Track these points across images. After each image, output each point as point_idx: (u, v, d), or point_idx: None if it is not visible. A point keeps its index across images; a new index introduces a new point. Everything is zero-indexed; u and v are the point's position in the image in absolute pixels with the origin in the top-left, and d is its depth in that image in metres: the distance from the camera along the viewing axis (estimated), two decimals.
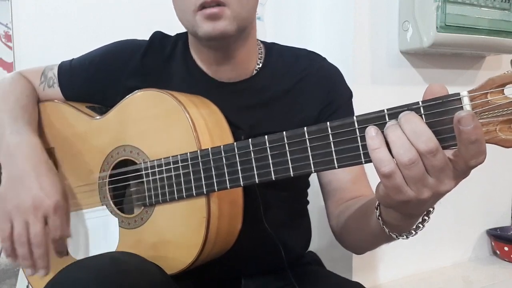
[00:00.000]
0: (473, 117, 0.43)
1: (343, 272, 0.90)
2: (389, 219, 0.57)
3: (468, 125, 0.43)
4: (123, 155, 0.76)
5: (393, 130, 0.48)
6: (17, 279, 1.58)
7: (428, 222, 0.57)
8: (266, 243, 0.79)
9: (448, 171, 0.48)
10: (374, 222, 0.60)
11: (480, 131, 0.44)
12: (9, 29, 1.18)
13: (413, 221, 0.57)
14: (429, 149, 0.46)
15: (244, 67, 0.82)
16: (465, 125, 0.43)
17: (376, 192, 0.54)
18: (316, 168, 0.55)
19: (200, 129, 0.69)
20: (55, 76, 0.89)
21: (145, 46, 0.85)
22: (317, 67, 0.85)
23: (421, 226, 0.57)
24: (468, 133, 0.44)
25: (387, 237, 0.60)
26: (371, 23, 1.34)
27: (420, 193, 0.49)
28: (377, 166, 0.49)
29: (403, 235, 0.59)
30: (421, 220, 0.57)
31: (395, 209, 0.54)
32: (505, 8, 1.38)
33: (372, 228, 0.63)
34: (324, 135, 0.54)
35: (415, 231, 0.58)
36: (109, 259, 0.65)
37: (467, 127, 0.43)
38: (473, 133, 0.44)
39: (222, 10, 0.70)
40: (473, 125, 0.43)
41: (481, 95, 0.46)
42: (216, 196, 0.68)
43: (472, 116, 0.43)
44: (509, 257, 1.60)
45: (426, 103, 0.48)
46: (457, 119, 0.44)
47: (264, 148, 0.59)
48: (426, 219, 0.57)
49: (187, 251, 0.69)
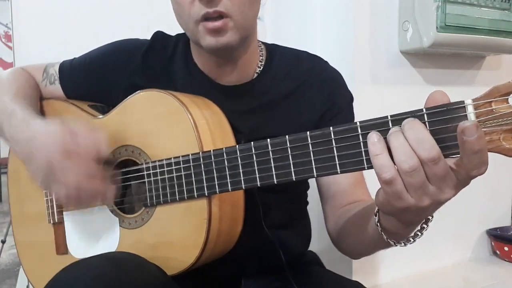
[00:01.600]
0: (477, 127, 0.43)
1: (343, 272, 0.90)
2: (388, 225, 0.57)
3: (472, 135, 0.43)
4: (125, 155, 0.76)
5: (396, 137, 0.48)
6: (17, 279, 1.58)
7: (426, 230, 0.57)
8: (266, 244, 0.79)
9: (449, 179, 0.48)
10: (372, 228, 0.60)
11: (484, 142, 0.44)
12: (9, 29, 1.19)
13: (412, 228, 0.57)
14: (431, 157, 0.46)
15: (245, 70, 0.82)
16: (469, 135, 0.43)
17: (376, 198, 0.54)
18: (318, 173, 0.55)
19: (202, 130, 0.69)
20: (56, 73, 0.89)
21: (146, 45, 0.85)
22: (318, 71, 0.84)
23: (420, 234, 0.57)
24: (472, 143, 0.44)
25: (385, 243, 0.60)
26: (371, 23, 1.34)
27: (420, 201, 0.49)
28: (378, 172, 0.49)
29: (401, 242, 0.59)
30: (420, 228, 0.57)
31: (394, 216, 0.54)
32: (505, 8, 1.38)
33: (370, 234, 0.63)
34: (327, 140, 0.54)
35: (413, 238, 0.58)
36: (109, 259, 0.65)
37: (471, 137, 0.43)
38: (476, 143, 0.44)
39: (225, 23, 0.69)
40: (477, 135, 0.43)
41: (486, 104, 0.46)
42: (218, 198, 0.68)
43: (476, 126, 0.43)
44: (509, 257, 1.60)
45: (430, 111, 0.48)
46: (461, 129, 0.44)
47: (266, 152, 0.59)
48: (424, 227, 0.57)
49: (188, 252, 0.69)
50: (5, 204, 4.59)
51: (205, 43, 0.71)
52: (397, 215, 0.54)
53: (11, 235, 1.10)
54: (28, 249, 0.89)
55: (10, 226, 2.07)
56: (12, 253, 2.76)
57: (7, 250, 2.67)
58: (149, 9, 1.24)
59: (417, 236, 0.58)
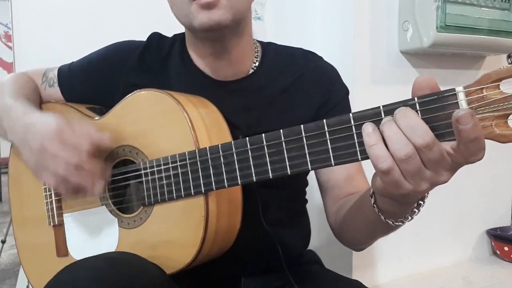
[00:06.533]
0: (471, 115, 0.43)
1: (342, 270, 0.90)
2: (384, 206, 0.58)
3: (467, 123, 0.43)
4: (122, 155, 0.76)
5: (389, 126, 0.48)
6: (17, 279, 1.59)
7: (423, 207, 0.57)
8: (265, 243, 0.79)
9: (445, 163, 0.48)
10: (370, 211, 0.61)
11: (479, 129, 0.44)
12: (9, 29, 1.19)
13: (408, 206, 0.57)
14: (425, 142, 0.47)
15: (240, 65, 0.82)
16: (464, 123, 0.43)
17: (373, 185, 0.55)
18: (312, 166, 0.55)
19: (198, 128, 0.69)
20: (55, 76, 0.90)
21: (142, 45, 0.86)
22: (313, 66, 0.85)
23: (416, 211, 0.58)
24: (468, 132, 0.44)
25: (384, 225, 0.60)
26: (371, 23, 1.34)
27: (418, 186, 0.50)
28: (374, 163, 0.49)
29: (399, 221, 0.59)
30: (416, 205, 0.57)
31: (391, 198, 0.55)
32: (505, 8, 1.38)
33: (368, 217, 0.63)
34: (320, 132, 0.54)
35: (410, 216, 0.58)
36: (108, 259, 0.65)
37: (466, 125, 0.43)
38: (472, 131, 0.44)
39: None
40: (472, 123, 0.43)
41: (477, 91, 0.46)
42: (215, 195, 0.68)
43: (470, 115, 0.43)
44: (509, 257, 1.60)
45: (421, 99, 0.48)
46: (456, 118, 0.44)
47: (261, 147, 0.59)
48: (421, 204, 0.57)
49: (186, 250, 0.69)
50: (5, 204, 4.59)
51: (198, 21, 0.71)
52: (395, 198, 0.54)
53: (11, 235, 1.10)
54: (28, 251, 0.89)
55: (10, 226, 2.08)
56: (12, 253, 2.76)
57: (7, 250, 2.68)
58: (149, 9, 1.24)
59: (414, 213, 0.58)
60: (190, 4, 0.71)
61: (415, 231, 1.47)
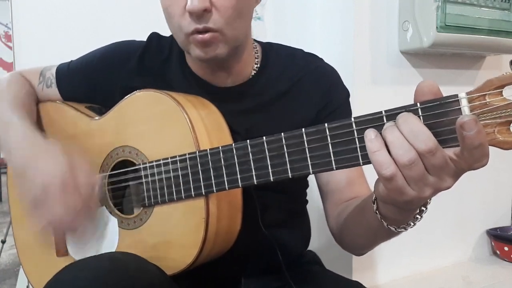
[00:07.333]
0: (476, 122, 0.43)
1: (342, 271, 0.90)
2: (387, 212, 0.58)
3: (471, 129, 0.43)
4: (122, 155, 0.76)
5: (391, 131, 0.48)
6: (17, 279, 1.59)
7: (425, 213, 0.57)
8: (265, 244, 0.79)
9: (448, 169, 0.48)
10: (372, 217, 0.60)
11: (484, 135, 0.44)
12: (9, 29, 1.19)
13: (411, 213, 0.57)
14: (428, 148, 0.46)
15: (240, 75, 0.82)
16: (468, 130, 0.43)
17: (375, 191, 0.54)
18: (314, 170, 0.55)
19: (198, 129, 0.69)
20: (53, 76, 0.90)
21: (142, 47, 0.85)
22: (313, 68, 0.84)
23: (419, 217, 0.57)
24: (472, 138, 0.43)
25: (386, 231, 0.60)
26: (371, 23, 1.34)
27: (421, 192, 0.49)
28: (377, 169, 0.49)
29: (401, 227, 0.59)
30: (418, 211, 0.57)
31: (394, 205, 0.54)
32: (505, 8, 1.38)
33: (370, 222, 0.63)
34: (322, 136, 0.54)
35: (413, 222, 0.58)
36: (108, 259, 0.65)
37: (470, 131, 0.43)
38: (476, 137, 0.43)
39: (214, 36, 0.69)
40: (477, 129, 0.43)
41: (480, 97, 0.46)
42: (215, 197, 0.68)
43: (475, 121, 0.43)
44: (509, 257, 1.60)
45: (424, 105, 0.48)
46: (460, 123, 0.43)
47: (262, 150, 0.59)
48: (424, 210, 0.56)
49: (186, 252, 0.69)
50: (5, 204, 4.59)
51: (195, 54, 0.72)
52: (398, 205, 0.54)
53: (11, 235, 1.10)
54: (28, 251, 0.89)
55: (10, 226, 2.08)
56: (12, 253, 2.76)
57: (7, 250, 2.68)
58: (149, 9, 1.24)
59: (416, 219, 0.58)
60: (188, 37, 0.71)
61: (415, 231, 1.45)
